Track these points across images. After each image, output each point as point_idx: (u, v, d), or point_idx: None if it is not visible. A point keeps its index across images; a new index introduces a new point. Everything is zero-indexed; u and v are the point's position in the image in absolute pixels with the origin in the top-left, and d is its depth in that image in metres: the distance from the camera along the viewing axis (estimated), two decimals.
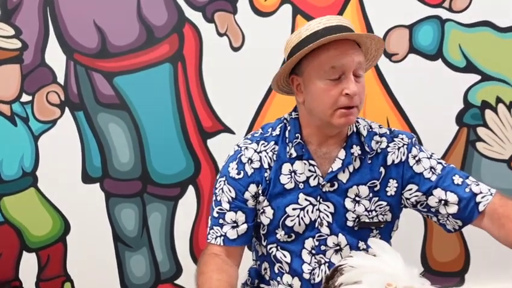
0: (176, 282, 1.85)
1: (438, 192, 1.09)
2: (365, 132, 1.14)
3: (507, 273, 1.90)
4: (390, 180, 1.12)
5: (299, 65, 1.07)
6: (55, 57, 1.73)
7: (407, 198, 1.13)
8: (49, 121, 1.76)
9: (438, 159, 1.14)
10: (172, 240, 1.83)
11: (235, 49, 1.76)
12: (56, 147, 1.76)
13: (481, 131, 1.81)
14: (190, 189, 1.80)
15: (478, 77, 1.80)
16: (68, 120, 1.76)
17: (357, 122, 1.15)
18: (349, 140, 1.12)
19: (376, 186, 1.11)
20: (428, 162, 1.12)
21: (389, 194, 1.11)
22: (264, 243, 1.17)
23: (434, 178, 1.10)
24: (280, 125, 1.17)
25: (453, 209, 1.09)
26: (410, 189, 1.12)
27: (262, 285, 1.22)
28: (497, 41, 1.81)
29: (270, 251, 1.16)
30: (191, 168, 1.79)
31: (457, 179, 1.09)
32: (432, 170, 1.11)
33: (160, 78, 1.75)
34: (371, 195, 1.11)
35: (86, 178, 1.78)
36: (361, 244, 1.12)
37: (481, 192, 1.07)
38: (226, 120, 1.79)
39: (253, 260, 1.27)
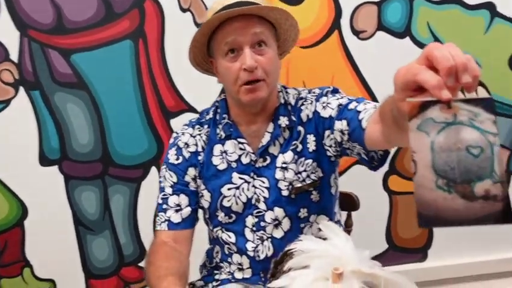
0: (140, 264, 1.82)
1: (337, 125, 1.01)
2: (293, 102, 1.11)
3: (469, 249, 1.93)
4: (308, 136, 1.08)
5: (210, 46, 1.07)
6: (8, 33, 1.65)
7: (329, 146, 1.07)
8: (2, 101, 1.68)
9: (358, 98, 1.03)
10: (135, 223, 1.79)
11: (199, 25, 1.69)
12: (10, 128, 1.68)
13: None
14: (153, 171, 1.76)
15: None
16: (23, 100, 1.68)
17: (287, 92, 1.13)
18: (276, 113, 1.10)
19: (297, 147, 1.09)
20: (337, 102, 1.04)
21: (310, 150, 1.08)
22: (211, 228, 1.16)
23: (335, 114, 1.03)
24: (213, 108, 1.16)
25: (348, 136, 0.99)
26: (328, 136, 1.06)
27: (221, 264, 1.20)
28: (465, 18, 1.79)
29: (217, 234, 1.15)
30: (154, 149, 1.74)
31: (352, 105, 0.99)
32: (340, 106, 1.03)
33: (120, 55, 1.68)
34: (295, 157, 1.08)
35: (44, 160, 1.72)
36: (303, 212, 1.10)
37: (365, 109, 0.95)
38: (190, 99, 1.74)
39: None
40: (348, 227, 1.43)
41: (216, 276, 1.20)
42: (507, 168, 1.92)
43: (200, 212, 1.17)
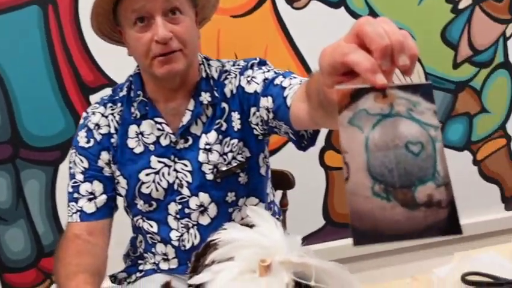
0: None
1: (262, 102, 0.92)
2: (216, 75, 1.01)
3: None
4: (233, 114, 0.99)
5: (117, 14, 0.93)
6: None
7: (255, 124, 0.98)
8: None
9: (285, 72, 0.94)
10: (54, 210, 1.63)
11: None
12: None
13: None
14: None
15: None
16: None
17: (209, 65, 1.02)
18: (197, 88, 0.99)
19: (221, 125, 0.99)
20: (262, 76, 0.95)
21: (236, 129, 0.99)
22: (131, 217, 1.05)
23: (260, 89, 0.94)
24: (127, 83, 1.04)
25: (273, 114, 0.90)
26: (254, 114, 0.97)
27: (146, 255, 1.10)
28: None
29: (138, 224, 1.04)
30: (71, 128, 1.58)
31: (278, 80, 0.90)
32: (266, 81, 0.93)
33: (26, 23, 1.49)
34: (220, 137, 0.99)
35: None
36: (230, 196, 1.01)
37: (290, 85, 0.86)
38: (111, 73, 1.58)
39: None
40: (283, 207, 1.37)
41: (140, 267, 1.10)
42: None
43: (120, 200, 1.06)
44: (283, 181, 1.35)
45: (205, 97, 0.98)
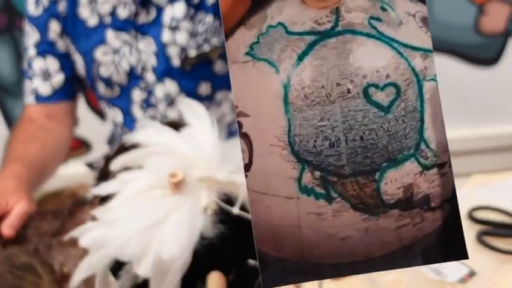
0: None
1: None
2: None
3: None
4: None
5: None
6: None
7: None
8: None
9: None
10: None
11: None
12: None
13: None
14: None
15: None
16: None
17: None
18: None
19: None
20: None
21: (212, 1, 0.78)
22: (99, 100, 0.92)
23: None
24: None
25: None
26: None
27: None
28: None
29: (105, 110, 0.91)
30: None
31: None
32: None
33: None
34: (191, 11, 0.78)
35: None
36: (205, 87, 0.83)
37: None
38: None
39: None
40: None
41: None
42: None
43: None
44: None
45: None
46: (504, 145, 1.57)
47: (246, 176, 0.27)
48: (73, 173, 1.20)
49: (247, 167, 0.26)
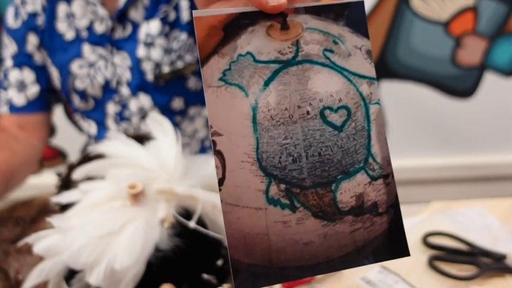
0: None
1: None
2: None
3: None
4: (182, 0, 0.80)
5: None
6: None
7: None
8: None
9: None
10: None
11: None
12: None
13: None
14: None
15: None
16: None
17: None
18: None
19: (169, 14, 0.80)
20: None
21: (186, 20, 0.80)
22: (74, 114, 0.93)
23: None
24: None
25: None
26: None
27: None
28: None
29: (79, 123, 0.92)
30: None
31: None
32: None
33: None
34: (166, 29, 0.80)
35: None
36: (178, 102, 0.85)
37: None
38: None
39: None
40: None
41: None
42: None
43: None
44: None
45: None
46: (478, 175, 1.61)
47: (220, 189, 0.29)
48: (48, 182, 1.19)
49: (221, 182, 0.29)
